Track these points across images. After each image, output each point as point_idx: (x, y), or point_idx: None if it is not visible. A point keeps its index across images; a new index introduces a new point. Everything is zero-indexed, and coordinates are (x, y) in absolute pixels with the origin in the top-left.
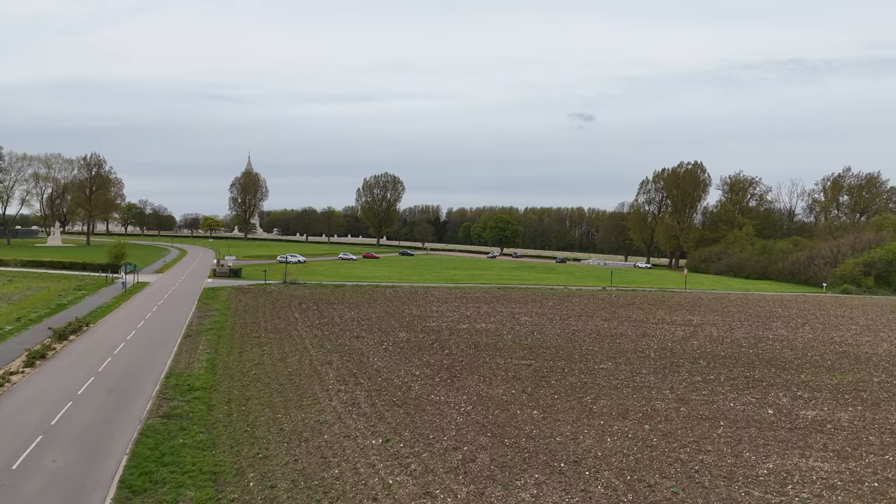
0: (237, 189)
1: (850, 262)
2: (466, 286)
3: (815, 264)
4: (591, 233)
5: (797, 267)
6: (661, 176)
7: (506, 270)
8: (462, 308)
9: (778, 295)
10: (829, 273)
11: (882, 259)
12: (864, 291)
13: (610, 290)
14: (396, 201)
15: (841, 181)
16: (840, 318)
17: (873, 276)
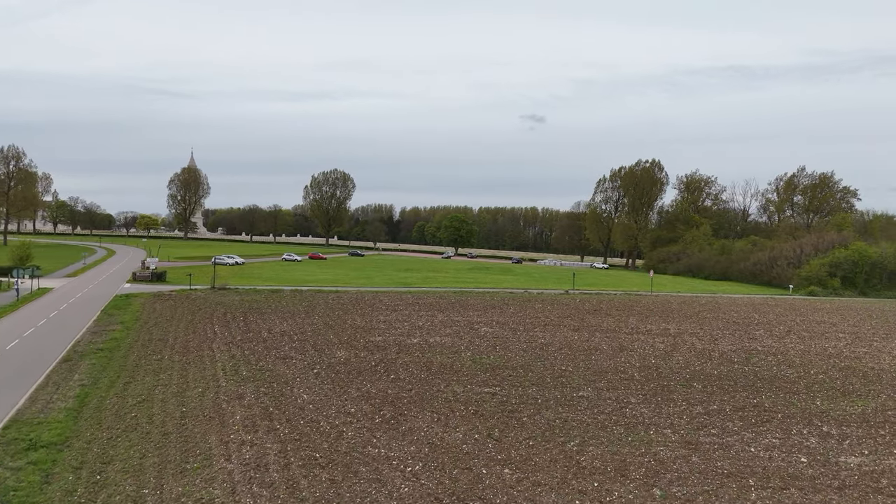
0: (176, 186)
1: (816, 262)
2: (419, 290)
3: (779, 265)
4: (544, 233)
5: (759, 268)
6: (618, 174)
7: (461, 272)
8: (414, 317)
9: (747, 298)
10: (794, 274)
11: (848, 260)
12: (830, 293)
13: (573, 294)
14: (346, 199)
15: (795, 181)
16: (821, 324)
17: (839, 278)
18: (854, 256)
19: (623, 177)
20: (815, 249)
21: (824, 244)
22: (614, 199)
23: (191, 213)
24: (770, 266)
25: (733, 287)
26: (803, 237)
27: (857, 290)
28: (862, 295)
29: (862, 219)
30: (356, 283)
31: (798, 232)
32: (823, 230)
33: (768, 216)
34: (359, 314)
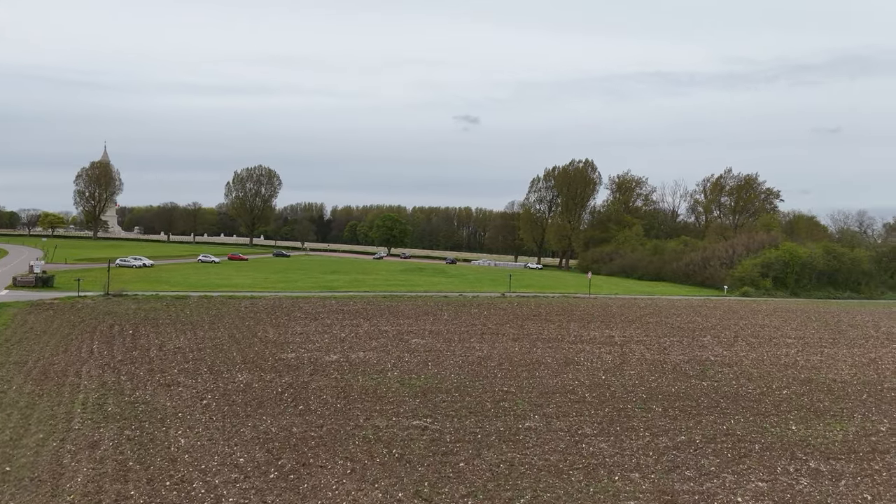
0: (84, 181)
1: (748, 263)
2: (345, 295)
3: (711, 265)
4: (478, 233)
5: (692, 268)
6: (551, 174)
7: (393, 274)
8: (336, 327)
9: (685, 299)
10: (727, 275)
11: (779, 260)
12: (763, 293)
13: (510, 298)
14: (272, 197)
15: (722, 182)
16: (765, 328)
17: (771, 278)
18: (785, 257)
19: (557, 177)
20: (746, 250)
21: (755, 244)
22: (548, 198)
23: (101, 210)
24: (703, 266)
25: (668, 288)
26: (734, 237)
27: (789, 290)
28: (793, 295)
29: (787, 219)
30: (276, 288)
31: (728, 233)
32: (753, 230)
33: (696, 217)
34: (272, 325)
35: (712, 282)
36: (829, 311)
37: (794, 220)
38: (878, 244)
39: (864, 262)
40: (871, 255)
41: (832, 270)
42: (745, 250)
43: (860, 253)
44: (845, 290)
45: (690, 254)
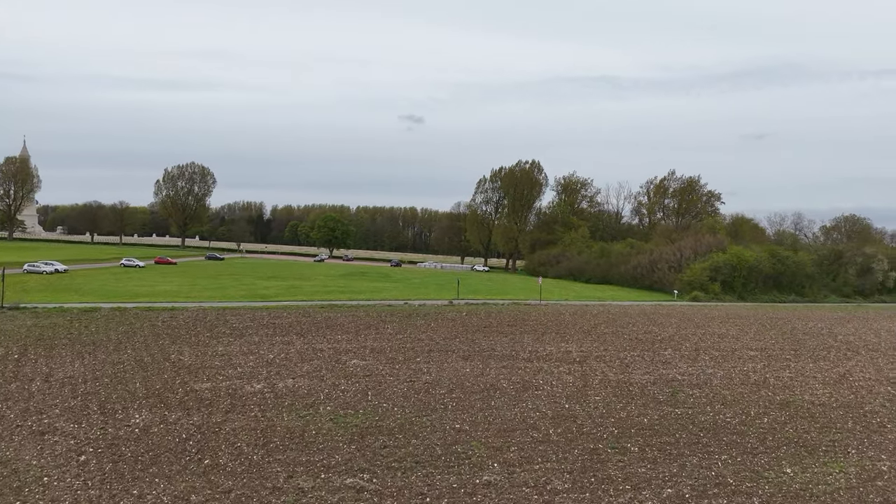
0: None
1: (697, 267)
2: (279, 305)
3: (659, 269)
4: (424, 233)
5: (640, 271)
6: (498, 175)
7: (333, 279)
8: (264, 346)
9: (637, 305)
10: (675, 278)
11: (727, 264)
12: (712, 298)
13: (458, 306)
14: (206, 196)
15: (666, 184)
16: (724, 338)
17: (719, 282)
18: (733, 261)
19: (503, 177)
20: (694, 253)
21: (702, 247)
22: (494, 200)
23: (17, 210)
24: (651, 270)
25: (618, 292)
26: (681, 240)
27: (736, 294)
28: (741, 299)
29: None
30: (203, 297)
31: (675, 235)
32: (699, 233)
33: (640, 218)
34: (191, 343)
35: (660, 285)
36: (780, 318)
37: (737, 222)
38: (819, 246)
39: (807, 266)
40: (814, 258)
41: (777, 274)
42: (693, 253)
43: (804, 256)
44: (790, 293)
45: (637, 256)
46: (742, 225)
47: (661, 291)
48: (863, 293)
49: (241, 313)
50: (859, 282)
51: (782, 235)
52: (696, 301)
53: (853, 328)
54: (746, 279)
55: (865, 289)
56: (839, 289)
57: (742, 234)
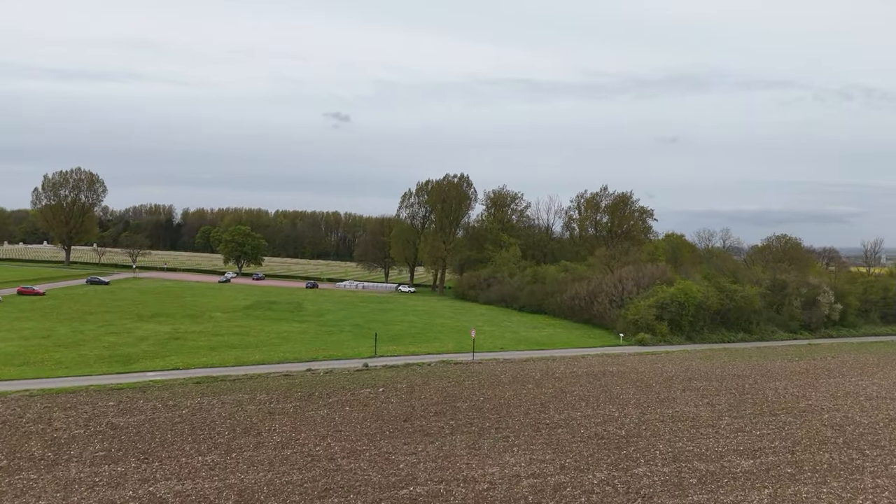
0: None
1: (642, 304)
2: (141, 381)
3: (600, 302)
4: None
5: (578, 303)
6: (424, 188)
7: (232, 317)
8: (77, 492)
9: (583, 359)
10: (618, 315)
11: (674, 301)
12: (659, 340)
13: (375, 369)
14: (94, 205)
15: (598, 200)
16: (699, 426)
17: (666, 321)
18: (680, 297)
19: (430, 191)
20: (636, 285)
21: (645, 279)
22: (421, 214)
23: None
24: (590, 302)
25: (557, 331)
26: (621, 268)
27: (684, 334)
28: (689, 340)
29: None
30: (43, 364)
31: (613, 262)
32: (639, 261)
33: (571, 233)
34: None
35: (601, 320)
36: (743, 376)
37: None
38: (760, 274)
39: (755, 301)
40: (760, 290)
41: (725, 310)
42: (636, 286)
43: (751, 290)
44: (738, 329)
45: (575, 285)
46: (681, 249)
47: (602, 327)
48: (809, 327)
49: (79, 405)
50: (805, 315)
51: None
52: (644, 345)
53: (828, 393)
54: (694, 317)
55: (812, 323)
56: (785, 323)
57: (681, 259)
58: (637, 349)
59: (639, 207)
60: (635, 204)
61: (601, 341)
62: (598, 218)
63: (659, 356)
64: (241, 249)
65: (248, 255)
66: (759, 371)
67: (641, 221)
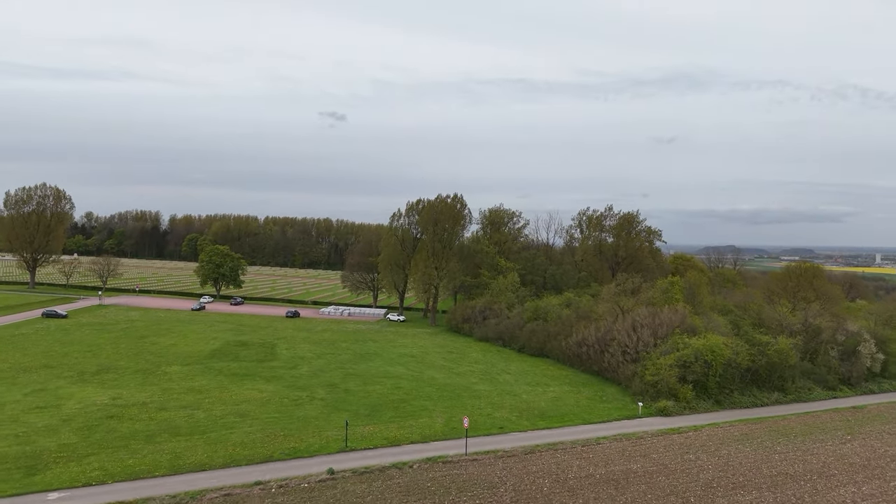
0: None
1: (662, 362)
2: None
3: (611, 353)
4: (339, 246)
5: (587, 351)
6: (415, 208)
7: (188, 377)
8: None
9: (604, 458)
10: (633, 371)
11: (700, 359)
12: (684, 407)
13: (342, 478)
14: (60, 225)
15: (603, 221)
16: None
17: (691, 383)
18: (706, 355)
19: (422, 212)
20: (653, 335)
21: (663, 327)
22: (412, 237)
23: None
24: (600, 351)
25: (562, 388)
26: (633, 309)
27: (711, 398)
28: (717, 404)
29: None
30: None
31: (623, 300)
32: (651, 296)
33: (572, 254)
34: None
35: (614, 375)
36: (796, 474)
37: (677, 262)
38: (790, 318)
39: (791, 357)
40: (795, 342)
41: (755, 367)
42: (652, 335)
43: (783, 343)
44: (770, 388)
45: (582, 328)
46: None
47: (615, 383)
48: (849, 382)
49: None
50: (844, 367)
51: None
52: (666, 415)
53: None
54: (722, 377)
55: (852, 377)
56: (822, 378)
57: (698, 293)
58: (660, 423)
59: (645, 227)
60: (641, 224)
61: (617, 409)
62: (603, 237)
63: (687, 435)
64: (219, 271)
65: (226, 276)
66: (812, 467)
67: (649, 243)
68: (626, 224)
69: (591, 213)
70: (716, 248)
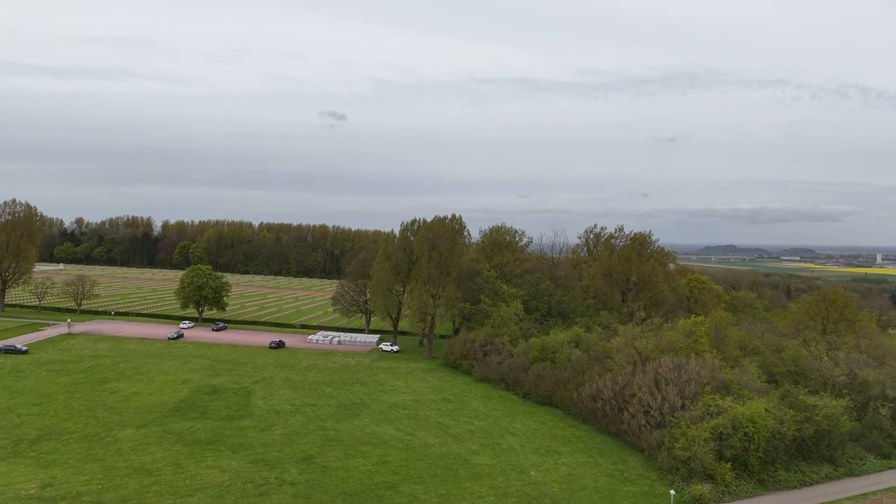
0: None
1: (694, 433)
2: None
3: (632, 413)
4: (335, 253)
5: (602, 407)
6: (410, 229)
7: (139, 447)
8: None
9: None
10: (657, 440)
11: (739, 429)
12: (723, 492)
13: None
14: (31, 243)
15: (613, 242)
16: None
17: (729, 460)
18: (746, 426)
19: (417, 234)
20: (680, 395)
21: (690, 385)
22: (406, 261)
23: None
24: (618, 409)
25: (576, 460)
26: (653, 356)
27: (754, 477)
28: (761, 485)
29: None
30: None
31: (641, 341)
32: (672, 340)
33: (579, 274)
34: None
35: (635, 439)
36: None
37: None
38: (832, 371)
39: (842, 424)
40: (844, 403)
41: (802, 435)
42: (679, 396)
43: (834, 407)
44: (818, 460)
45: (596, 376)
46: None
47: (636, 450)
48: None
49: None
50: None
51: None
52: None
53: None
54: (765, 451)
55: None
56: (875, 443)
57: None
58: None
59: (657, 248)
60: (654, 244)
61: (643, 493)
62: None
63: None
64: (201, 293)
65: (208, 299)
66: None
67: (661, 264)
68: (638, 245)
69: (599, 230)
70: (716, 247)
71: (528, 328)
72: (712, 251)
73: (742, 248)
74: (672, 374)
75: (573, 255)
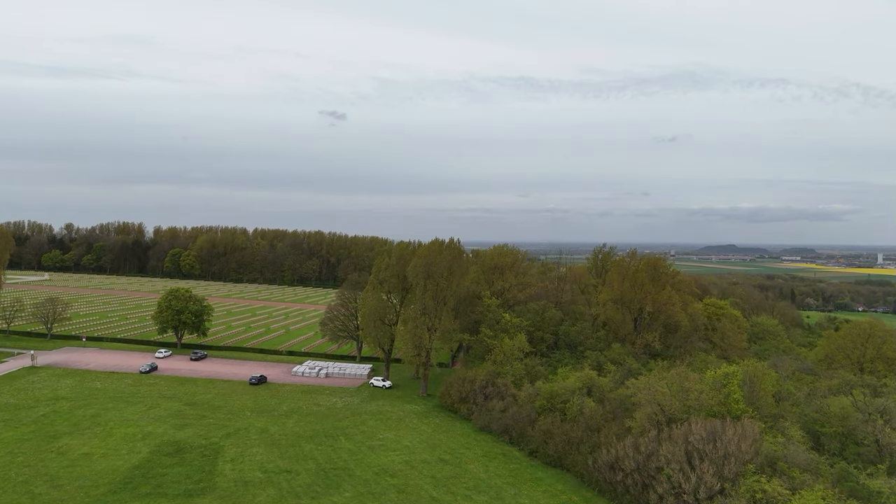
0: None
1: None
2: None
3: (658, 493)
4: (330, 261)
5: (623, 480)
6: (404, 255)
7: None
8: None
9: None
10: None
11: None
12: None
13: None
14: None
15: (626, 266)
16: None
17: None
18: None
19: (413, 260)
20: (718, 475)
21: (730, 463)
22: (401, 288)
23: None
24: (643, 486)
25: None
26: (681, 415)
27: None
28: None
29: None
30: None
31: (657, 382)
32: (701, 396)
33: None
34: None
35: None
36: None
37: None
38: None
39: None
40: None
41: None
42: (717, 476)
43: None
44: None
45: (614, 439)
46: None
47: None
48: None
49: None
50: None
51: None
52: None
53: None
54: None
55: None
56: None
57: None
58: None
59: (672, 271)
60: (668, 268)
61: None
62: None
63: None
64: (179, 318)
65: (187, 324)
66: None
67: (679, 295)
68: (652, 270)
69: (608, 250)
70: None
71: (533, 366)
72: (713, 251)
73: (742, 247)
74: (707, 447)
75: (579, 280)
